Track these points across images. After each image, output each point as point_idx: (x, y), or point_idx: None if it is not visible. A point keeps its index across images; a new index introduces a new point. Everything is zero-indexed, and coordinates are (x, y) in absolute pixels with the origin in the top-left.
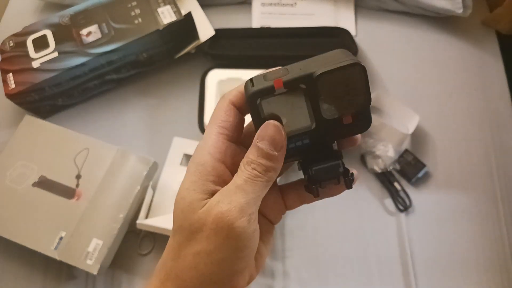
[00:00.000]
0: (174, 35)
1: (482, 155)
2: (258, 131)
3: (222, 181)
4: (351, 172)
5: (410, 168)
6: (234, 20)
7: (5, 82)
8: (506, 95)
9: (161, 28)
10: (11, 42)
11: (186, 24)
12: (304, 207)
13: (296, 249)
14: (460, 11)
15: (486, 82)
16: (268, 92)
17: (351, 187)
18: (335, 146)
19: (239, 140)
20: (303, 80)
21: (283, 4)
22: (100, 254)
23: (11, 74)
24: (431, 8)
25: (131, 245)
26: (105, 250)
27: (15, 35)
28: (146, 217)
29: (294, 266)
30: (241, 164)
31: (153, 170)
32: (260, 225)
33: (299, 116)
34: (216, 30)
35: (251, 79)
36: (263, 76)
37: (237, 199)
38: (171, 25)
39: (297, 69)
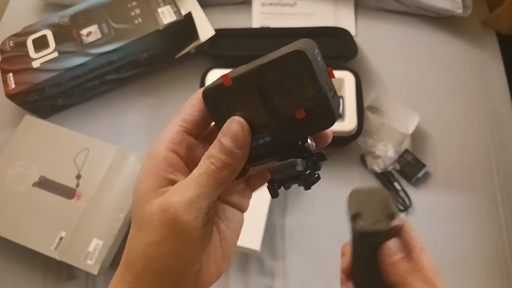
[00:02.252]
0: (174, 35)
1: (482, 155)
2: (223, 126)
3: (175, 171)
4: (315, 173)
5: (410, 168)
6: (234, 20)
7: (5, 82)
8: (506, 95)
9: (161, 28)
10: (11, 42)
11: (186, 24)
12: (304, 207)
13: (296, 249)
14: (460, 11)
15: (486, 82)
16: (219, 89)
17: (308, 188)
18: (312, 145)
19: (201, 135)
20: (251, 75)
21: (283, 4)
22: (100, 254)
23: (11, 74)
24: (431, 8)
25: None
26: (105, 250)
27: (15, 35)
28: None
29: (294, 266)
30: (202, 158)
31: None
32: (227, 215)
33: (255, 112)
34: (216, 30)
35: (219, 77)
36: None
37: (188, 192)
38: (171, 25)
39: (251, 64)
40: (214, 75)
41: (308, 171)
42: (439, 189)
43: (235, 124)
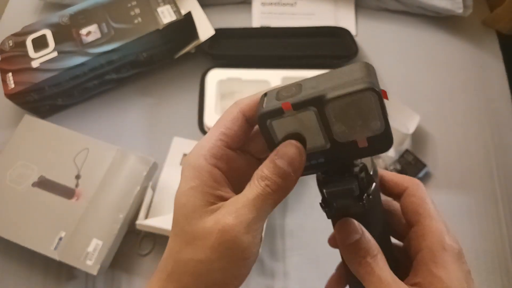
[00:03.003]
0: (174, 35)
1: (483, 155)
2: (279, 148)
3: (220, 186)
4: (369, 193)
5: (410, 168)
6: (234, 19)
7: (4, 82)
8: (506, 94)
9: (161, 27)
10: (10, 42)
11: (186, 24)
12: (304, 207)
13: (296, 249)
14: (460, 11)
15: (486, 82)
16: (277, 113)
17: (366, 211)
18: (363, 164)
19: (239, 147)
20: (313, 103)
21: (283, 4)
22: (100, 254)
23: (10, 74)
24: (432, 8)
25: (131, 246)
26: (105, 250)
27: (15, 35)
28: (146, 217)
29: (294, 266)
30: (254, 177)
31: (153, 170)
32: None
33: (312, 135)
34: (216, 30)
35: (265, 94)
36: (277, 92)
37: (245, 214)
38: (171, 24)
39: (309, 88)
40: (214, 75)
41: (365, 195)
42: (439, 189)
43: (292, 149)
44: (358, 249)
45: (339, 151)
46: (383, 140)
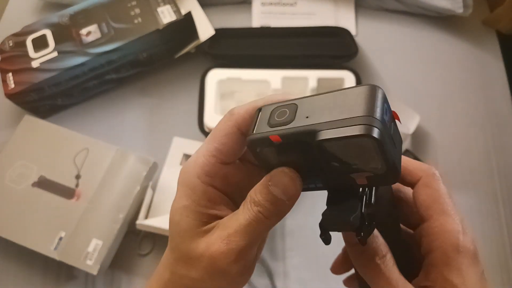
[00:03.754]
0: (174, 35)
1: (483, 155)
2: (272, 174)
3: (215, 205)
4: (371, 224)
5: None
6: (234, 19)
7: (4, 82)
8: (506, 95)
9: (161, 27)
10: (10, 42)
11: (186, 24)
12: (304, 207)
13: (296, 249)
14: (460, 10)
15: (486, 81)
16: (266, 142)
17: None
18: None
19: (235, 160)
20: (303, 138)
21: (283, 4)
22: (100, 254)
23: (10, 74)
24: (432, 8)
25: (130, 246)
26: (105, 250)
27: (15, 35)
28: (146, 217)
29: (294, 266)
30: (248, 200)
31: (153, 170)
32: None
33: (306, 164)
34: (216, 30)
35: (259, 109)
36: (270, 113)
37: (236, 241)
38: (171, 24)
39: (303, 116)
40: (214, 75)
41: (366, 223)
42: None
43: (286, 177)
44: (366, 249)
45: (337, 181)
46: (387, 176)
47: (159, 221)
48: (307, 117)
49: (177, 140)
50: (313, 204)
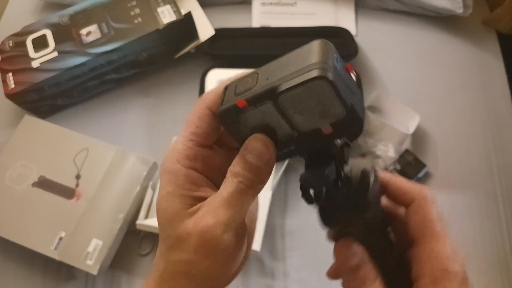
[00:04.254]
0: (174, 35)
1: (483, 155)
2: (246, 142)
3: (198, 187)
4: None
5: (410, 168)
6: (234, 19)
7: (4, 82)
8: (506, 94)
9: (161, 27)
10: (10, 42)
11: (186, 24)
12: (304, 207)
13: (296, 249)
14: (460, 10)
15: (486, 81)
16: (235, 111)
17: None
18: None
19: (213, 143)
20: (266, 97)
21: (283, 4)
22: (100, 254)
23: (10, 74)
24: (432, 8)
25: (130, 245)
26: (105, 250)
27: (15, 35)
28: (146, 217)
29: (294, 266)
30: (228, 174)
31: (153, 170)
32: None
33: (277, 125)
34: (216, 30)
35: (225, 87)
36: (235, 85)
37: (222, 213)
38: (171, 24)
39: (263, 79)
40: (214, 75)
41: (342, 176)
42: (439, 189)
43: (258, 142)
44: (357, 274)
45: (307, 138)
46: (351, 123)
47: None
48: (267, 79)
49: None
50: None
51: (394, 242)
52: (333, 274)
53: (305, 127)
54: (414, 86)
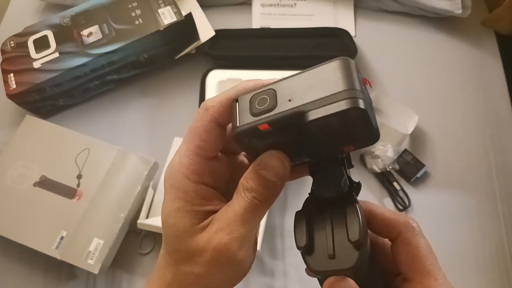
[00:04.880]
0: (175, 36)
1: (481, 155)
2: (260, 159)
3: (208, 201)
4: (356, 182)
5: (409, 168)
6: (234, 20)
7: (6, 82)
8: (505, 95)
9: (161, 28)
10: (12, 42)
11: (186, 25)
12: None
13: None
14: (459, 11)
15: (485, 82)
16: (254, 132)
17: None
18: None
19: (217, 153)
20: (292, 121)
21: (283, 5)
22: (101, 253)
23: (12, 75)
24: (431, 9)
25: (131, 245)
26: (106, 249)
27: (16, 35)
28: (147, 217)
29: (294, 265)
30: (241, 188)
31: (154, 170)
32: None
33: (293, 143)
34: (216, 31)
35: (237, 101)
36: (250, 102)
37: (237, 229)
38: (171, 25)
39: (285, 100)
40: (214, 76)
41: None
42: (438, 189)
43: (274, 159)
44: None
45: (324, 152)
46: (370, 139)
47: (160, 220)
48: (289, 100)
49: (178, 141)
50: None
51: (378, 273)
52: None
53: (327, 147)
54: (413, 87)
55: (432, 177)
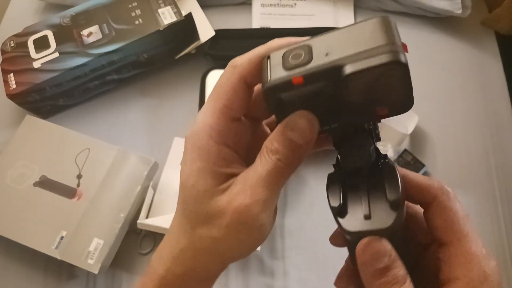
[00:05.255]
0: (175, 36)
1: (481, 155)
2: (288, 119)
3: (229, 163)
4: (383, 154)
5: (409, 168)
6: (234, 20)
7: (6, 82)
8: (505, 95)
9: (161, 28)
10: (12, 42)
11: (186, 25)
12: (304, 207)
13: (296, 249)
14: (459, 11)
15: (485, 82)
16: (287, 87)
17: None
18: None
19: (242, 115)
20: (328, 76)
21: (283, 5)
22: (101, 253)
23: (12, 75)
24: (430, 9)
25: (131, 245)
26: (106, 249)
27: (16, 35)
28: (147, 217)
29: (294, 265)
30: (265, 150)
31: (154, 170)
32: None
33: (325, 103)
34: (216, 31)
35: (268, 57)
36: (283, 57)
37: (260, 192)
38: (171, 25)
39: (321, 54)
40: (214, 76)
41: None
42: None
43: (304, 121)
44: (385, 276)
45: (356, 116)
46: (404, 103)
47: (160, 220)
48: (326, 54)
49: (178, 141)
50: (312, 203)
51: (409, 242)
52: (345, 281)
53: (360, 108)
54: (413, 86)
55: (432, 177)
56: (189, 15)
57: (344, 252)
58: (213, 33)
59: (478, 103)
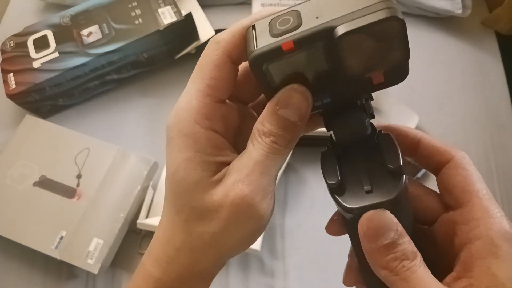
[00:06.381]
0: (175, 36)
1: (482, 155)
2: (279, 96)
3: (220, 150)
4: (378, 130)
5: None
6: (234, 20)
7: (5, 82)
8: (505, 95)
9: (161, 28)
10: (11, 42)
11: (186, 25)
12: (303, 207)
13: (296, 249)
14: (459, 11)
15: (485, 82)
16: (276, 55)
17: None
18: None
19: (228, 96)
20: (320, 38)
21: (283, 5)
22: (101, 253)
23: (11, 74)
24: (431, 9)
25: (131, 245)
26: (105, 249)
27: (16, 35)
28: (147, 216)
29: (294, 265)
30: (256, 134)
31: (154, 170)
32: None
33: (317, 74)
34: (216, 31)
35: (253, 26)
36: (269, 24)
37: (258, 179)
38: (171, 25)
39: (311, 17)
40: None
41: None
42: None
43: (296, 95)
44: (393, 252)
45: (349, 88)
46: (400, 70)
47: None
48: (317, 17)
49: None
50: (312, 203)
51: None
52: (352, 277)
53: (355, 75)
54: (413, 87)
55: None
56: (189, 15)
57: (344, 251)
58: (213, 33)
59: (478, 103)
